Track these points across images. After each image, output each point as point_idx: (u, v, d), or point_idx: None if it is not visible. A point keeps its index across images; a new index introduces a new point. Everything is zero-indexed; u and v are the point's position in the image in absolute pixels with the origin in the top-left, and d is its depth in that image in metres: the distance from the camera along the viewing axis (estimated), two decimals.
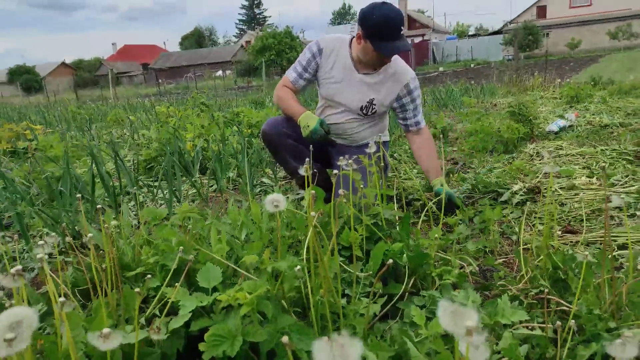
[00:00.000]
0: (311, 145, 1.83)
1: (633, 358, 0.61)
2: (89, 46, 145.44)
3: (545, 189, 2.30)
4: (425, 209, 1.89)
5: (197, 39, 63.44)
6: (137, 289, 0.93)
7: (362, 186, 1.52)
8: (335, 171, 1.36)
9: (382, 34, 1.96)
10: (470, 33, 52.50)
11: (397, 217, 1.63)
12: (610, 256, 1.22)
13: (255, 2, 65.99)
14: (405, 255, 1.37)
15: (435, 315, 1.14)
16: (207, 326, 1.04)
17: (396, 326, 1.11)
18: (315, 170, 1.78)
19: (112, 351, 0.77)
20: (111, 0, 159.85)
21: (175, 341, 1.16)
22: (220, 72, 37.44)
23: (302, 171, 1.21)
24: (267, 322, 1.03)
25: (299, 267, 1.02)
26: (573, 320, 1.03)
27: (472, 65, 26.49)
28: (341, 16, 64.27)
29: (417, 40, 35.48)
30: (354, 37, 2.15)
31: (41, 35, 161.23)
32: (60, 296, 0.87)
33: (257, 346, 0.99)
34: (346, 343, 0.45)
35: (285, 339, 0.60)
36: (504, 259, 1.75)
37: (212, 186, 3.13)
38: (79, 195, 1.17)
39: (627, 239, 1.72)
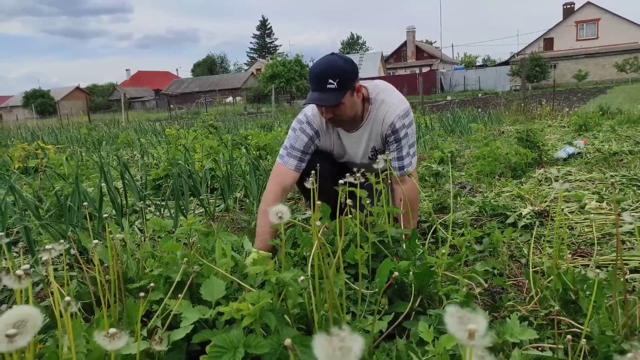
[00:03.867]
0: (318, 165, 1.81)
1: None
2: (103, 72, 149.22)
3: (555, 212, 2.28)
4: (432, 229, 1.88)
5: (209, 66, 64.81)
6: (141, 294, 0.92)
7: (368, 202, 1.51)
8: (342, 181, 1.34)
9: (310, 82, 1.85)
10: (477, 64, 53.11)
11: (403, 235, 1.62)
12: (622, 278, 1.19)
13: (267, 31, 67.61)
14: (411, 272, 1.35)
15: (443, 333, 1.11)
16: (208, 339, 1.02)
17: (402, 342, 1.09)
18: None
19: None
20: (127, 29, 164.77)
21: (176, 355, 1.14)
22: (230, 99, 38.02)
23: (308, 184, 1.21)
24: (270, 335, 1.01)
25: (303, 277, 1.00)
26: (584, 340, 1.00)
27: (479, 95, 26.67)
28: (350, 46, 65.41)
29: (425, 70, 35.91)
30: None
31: (57, 61, 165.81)
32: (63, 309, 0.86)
33: (259, 359, 0.97)
34: (347, 337, 0.44)
35: (288, 341, 0.58)
36: (512, 282, 1.72)
37: (218, 206, 3.13)
38: (85, 203, 1.18)
39: (639, 262, 1.69)
